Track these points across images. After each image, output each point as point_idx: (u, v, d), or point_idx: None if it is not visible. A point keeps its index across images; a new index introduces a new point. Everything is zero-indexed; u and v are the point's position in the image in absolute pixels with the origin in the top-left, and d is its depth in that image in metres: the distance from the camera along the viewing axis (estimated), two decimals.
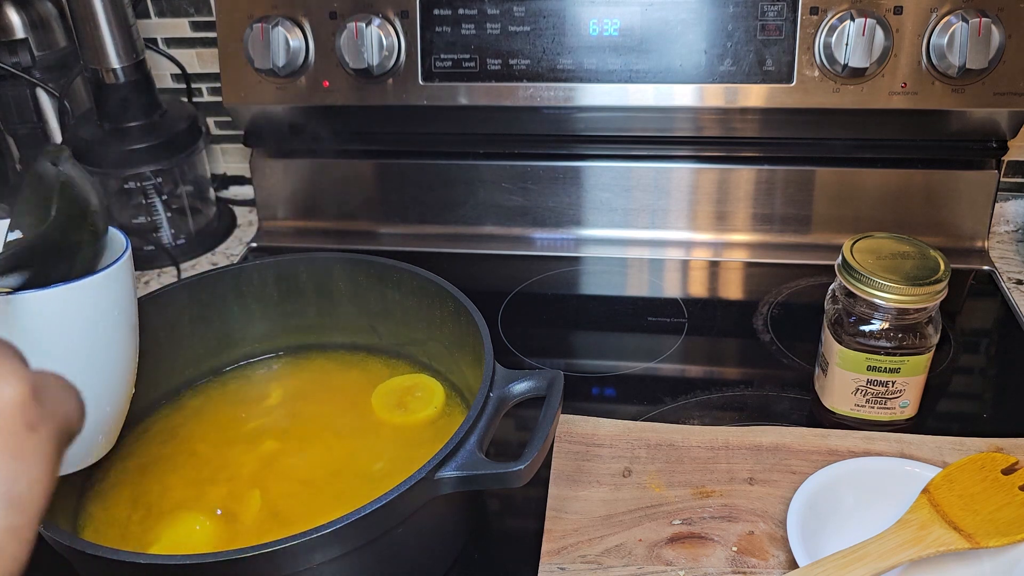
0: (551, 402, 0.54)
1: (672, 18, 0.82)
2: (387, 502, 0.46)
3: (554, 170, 0.93)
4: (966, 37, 0.77)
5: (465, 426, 0.51)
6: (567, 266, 0.92)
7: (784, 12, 0.81)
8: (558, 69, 0.85)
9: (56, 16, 0.94)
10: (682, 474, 0.62)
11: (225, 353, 0.71)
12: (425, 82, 0.87)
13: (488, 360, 0.56)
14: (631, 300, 0.87)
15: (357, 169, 0.96)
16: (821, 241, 0.91)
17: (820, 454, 0.63)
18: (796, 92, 0.83)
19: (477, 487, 0.50)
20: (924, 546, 0.52)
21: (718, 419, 0.69)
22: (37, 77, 0.92)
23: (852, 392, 0.65)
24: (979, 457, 0.59)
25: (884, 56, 0.80)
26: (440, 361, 0.68)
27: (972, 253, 0.89)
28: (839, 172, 0.89)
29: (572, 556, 0.56)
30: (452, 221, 0.96)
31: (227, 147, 1.07)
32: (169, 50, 1.01)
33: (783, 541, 0.56)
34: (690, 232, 0.93)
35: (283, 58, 0.86)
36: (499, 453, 0.66)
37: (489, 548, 0.60)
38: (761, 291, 0.86)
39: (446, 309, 0.64)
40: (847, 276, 0.63)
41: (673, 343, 0.79)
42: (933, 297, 0.61)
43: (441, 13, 0.85)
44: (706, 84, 0.84)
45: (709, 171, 0.91)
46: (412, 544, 0.52)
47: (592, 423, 0.67)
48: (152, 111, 0.91)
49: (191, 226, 0.97)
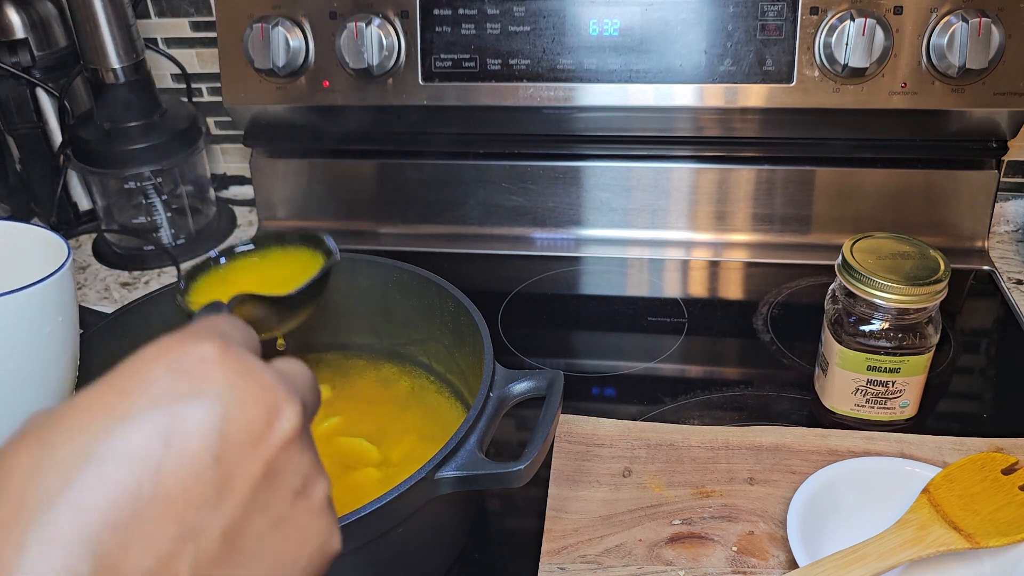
0: (551, 402, 0.54)
1: (672, 18, 0.82)
2: (387, 502, 0.46)
3: (554, 170, 0.93)
4: (966, 37, 0.77)
5: (465, 426, 0.51)
6: (567, 266, 0.92)
7: (784, 12, 0.81)
8: (558, 69, 0.85)
9: (56, 16, 0.94)
10: (682, 474, 0.62)
11: None
12: (425, 82, 0.87)
13: (488, 360, 0.56)
14: (631, 300, 0.87)
15: (357, 169, 0.96)
16: (821, 241, 0.91)
17: (820, 454, 0.63)
18: (796, 92, 0.83)
19: (477, 487, 0.50)
20: (924, 546, 0.52)
21: (718, 419, 0.69)
22: (37, 77, 0.92)
23: (852, 392, 0.65)
24: (979, 457, 0.59)
25: (884, 56, 0.80)
26: (440, 361, 0.68)
27: (972, 253, 0.89)
28: (839, 172, 0.89)
29: (572, 556, 0.56)
30: (452, 221, 0.96)
31: (227, 147, 1.07)
32: (169, 50, 1.01)
33: (783, 541, 0.56)
34: (690, 232, 0.93)
35: (283, 58, 0.86)
36: (499, 453, 0.66)
37: (489, 548, 0.60)
38: (761, 291, 0.86)
39: (446, 309, 0.64)
40: (847, 276, 0.63)
41: (673, 343, 0.79)
42: (933, 297, 0.61)
43: (441, 13, 0.85)
44: (706, 84, 0.84)
45: (709, 171, 0.91)
46: (412, 544, 0.52)
47: (592, 423, 0.67)
48: (152, 111, 0.91)
49: (191, 226, 0.97)
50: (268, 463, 0.26)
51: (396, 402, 0.68)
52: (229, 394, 0.25)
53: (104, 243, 0.98)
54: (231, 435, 0.25)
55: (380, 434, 0.64)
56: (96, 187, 0.94)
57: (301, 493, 0.27)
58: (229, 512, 0.25)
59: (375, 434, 0.64)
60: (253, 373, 0.26)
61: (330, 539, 0.29)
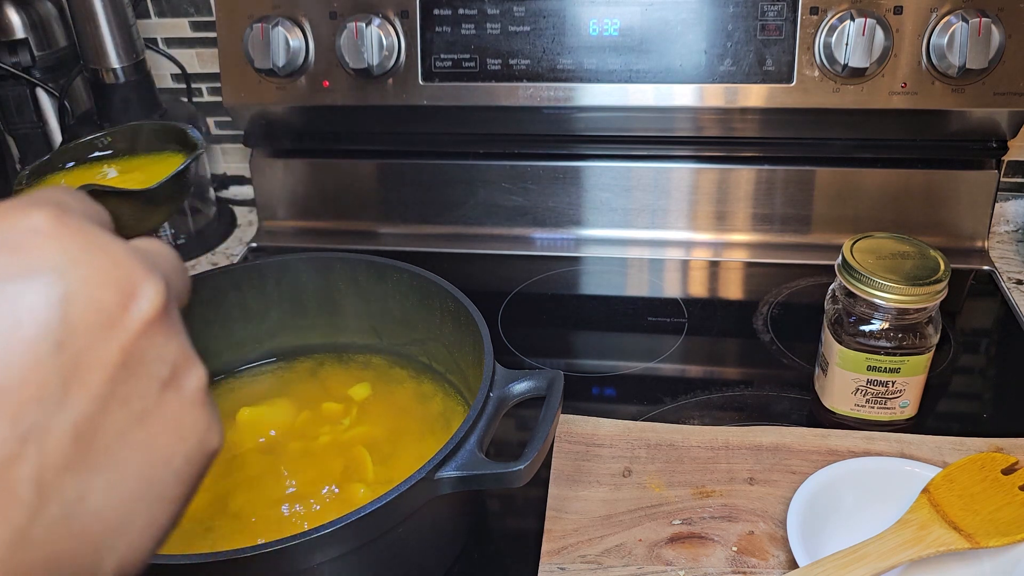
0: (551, 402, 0.54)
1: (672, 18, 0.82)
2: (387, 502, 0.46)
3: (554, 170, 0.93)
4: (966, 37, 0.77)
5: (465, 426, 0.51)
6: (567, 266, 0.92)
7: (784, 12, 0.81)
8: (558, 69, 0.85)
9: (56, 16, 0.94)
10: (682, 474, 0.62)
11: (226, 353, 0.71)
12: (425, 82, 0.87)
13: (488, 360, 0.56)
14: (631, 300, 0.87)
15: (357, 169, 0.96)
16: (821, 241, 0.91)
17: (820, 454, 0.63)
18: (796, 92, 0.83)
19: (477, 487, 0.50)
20: (924, 546, 0.52)
21: (718, 419, 0.69)
22: (37, 77, 0.92)
23: (852, 392, 0.65)
24: (979, 457, 0.59)
25: (884, 56, 0.80)
26: (440, 361, 0.68)
27: (972, 253, 0.89)
28: (839, 172, 0.89)
29: (572, 556, 0.56)
30: (452, 221, 0.96)
31: (227, 147, 1.07)
32: (169, 50, 1.01)
33: (783, 541, 0.56)
34: (690, 232, 0.93)
35: (283, 58, 0.86)
36: (499, 453, 0.66)
37: (489, 548, 0.60)
38: (761, 291, 0.86)
39: (446, 309, 0.64)
40: (847, 276, 0.63)
41: (673, 343, 0.79)
42: (933, 297, 0.61)
43: (441, 13, 0.85)
44: (706, 84, 0.84)
45: (709, 171, 0.91)
46: (412, 544, 0.52)
47: (592, 423, 0.67)
48: (152, 111, 0.91)
49: (191, 226, 0.97)
50: (125, 349, 0.22)
51: (396, 402, 0.68)
52: (70, 270, 0.21)
53: None
54: (75, 318, 0.21)
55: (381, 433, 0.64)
56: None
57: (169, 383, 0.23)
58: (79, 407, 0.21)
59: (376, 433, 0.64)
60: (100, 246, 0.22)
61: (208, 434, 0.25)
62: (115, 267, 0.22)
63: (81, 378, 0.21)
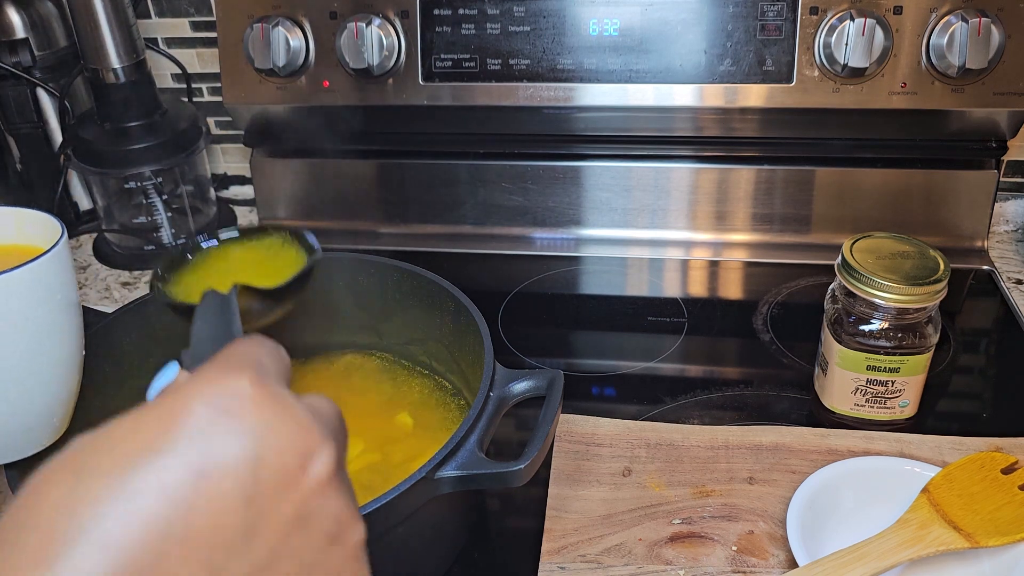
0: (551, 402, 0.54)
1: (672, 18, 0.82)
2: (387, 502, 0.46)
3: (554, 170, 0.93)
4: (966, 37, 0.77)
5: (465, 426, 0.51)
6: (567, 266, 0.92)
7: (784, 12, 0.81)
8: (558, 69, 0.85)
9: (56, 16, 0.94)
10: (682, 474, 0.62)
11: None
12: (425, 82, 0.87)
13: (488, 360, 0.56)
14: (631, 300, 0.87)
15: (357, 169, 0.96)
16: (821, 241, 0.91)
17: (820, 454, 0.63)
18: (796, 92, 0.83)
19: (477, 487, 0.50)
20: (924, 546, 0.52)
21: (718, 419, 0.69)
22: (37, 77, 0.92)
23: (852, 392, 0.65)
24: (979, 457, 0.59)
25: (884, 56, 0.80)
26: (440, 361, 0.68)
27: (972, 253, 0.89)
28: (839, 172, 0.89)
29: (572, 555, 0.56)
30: (452, 221, 0.96)
31: (227, 147, 1.07)
32: (169, 50, 1.01)
33: (783, 541, 0.56)
34: (690, 232, 0.93)
35: (283, 58, 0.86)
36: (499, 453, 0.66)
37: (489, 548, 0.60)
38: (761, 291, 0.86)
39: (446, 309, 0.64)
40: (847, 276, 0.63)
41: (673, 343, 0.79)
42: (933, 297, 0.61)
43: (441, 13, 0.85)
44: (706, 84, 0.84)
45: (709, 171, 0.91)
46: (412, 544, 0.52)
47: (592, 423, 0.67)
48: (152, 111, 0.91)
49: (191, 226, 0.97)
50: (300, 507, 0.25)
51: (396, 401, 0.68)
52: (264, 433, 0.25)
53: (105, 243, 0.98)
54: (264, 476, 0.24)
55: (380, 433, 0.64)
56: (97, 187, 0.94)
57: (336, 538, 0.27)
58: (257, 555, 0.24)
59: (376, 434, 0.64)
60: (289, 412, 0.26)
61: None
62: (299, 431, 0.26)
63: (262, 530, 0.24)
